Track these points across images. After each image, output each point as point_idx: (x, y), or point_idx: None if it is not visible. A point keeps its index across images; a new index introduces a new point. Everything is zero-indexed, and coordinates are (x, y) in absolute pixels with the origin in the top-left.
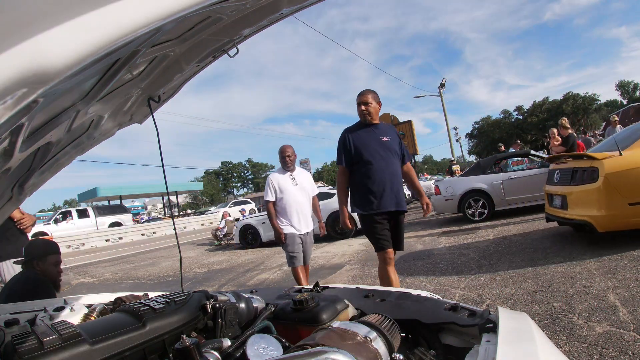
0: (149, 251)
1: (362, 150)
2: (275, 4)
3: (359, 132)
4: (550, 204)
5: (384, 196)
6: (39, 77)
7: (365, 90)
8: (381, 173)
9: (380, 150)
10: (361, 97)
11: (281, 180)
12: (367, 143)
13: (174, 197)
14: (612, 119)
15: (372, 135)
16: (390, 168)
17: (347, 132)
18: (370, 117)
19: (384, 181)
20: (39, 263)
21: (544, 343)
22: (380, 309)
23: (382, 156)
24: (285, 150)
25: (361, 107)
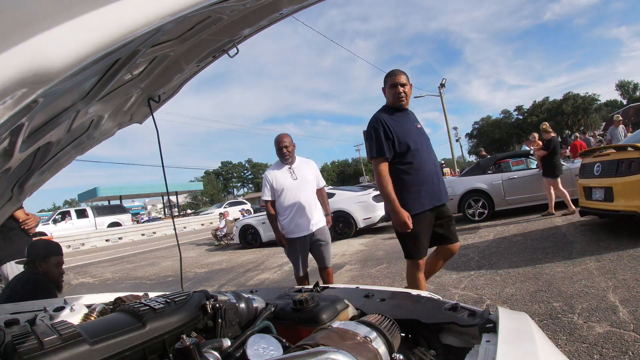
0: (149, 251)
1: (406, 138)
2: (275, 4)
3: (396, 118)
4: (588, 197)
5: (434, 189)
6: (39, 77)
7: (398, 70)
8: (428, 164)
9: (422, 138)
10: (396, 77)
11: (278, 175)
12: (409, 130)
13: (174, 197)
14: (615, 118)
15: (410, 121)
16: (433, 157)
17: (382, 118)
18: (406, 100)
19: (432, 172)
20: (42, 264)
21: (544, 343)
22: (380, 309)
23: (425, 145)
24: (281, 140)
25: (397, 89)
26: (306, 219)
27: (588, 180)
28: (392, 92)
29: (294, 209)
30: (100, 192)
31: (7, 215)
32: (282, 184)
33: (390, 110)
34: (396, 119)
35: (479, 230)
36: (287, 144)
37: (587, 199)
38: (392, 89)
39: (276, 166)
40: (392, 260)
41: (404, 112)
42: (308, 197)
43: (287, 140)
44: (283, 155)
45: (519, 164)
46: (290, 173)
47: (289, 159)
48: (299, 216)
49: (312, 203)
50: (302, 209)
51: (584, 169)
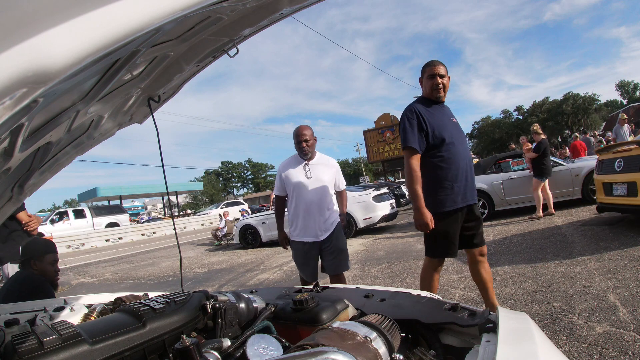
0: (148, 251)
1: (441, 131)
2: (275, 4)
3: (432, 110)
4: (608, 193)
5: (467, 187)
6: (39, 77)
7: (437, 60)
8: (462, 160)
9: (457, 133)
10: (435, 68)
11: (292, 170)
12: (444, 123)
13: (174, 197)
14: (621, 117)
15: (445, 114)
16: (468, 153)
17: (417, 108)
18: (444, 93)
19: (466, 169)
20: (37, 262)
21: (544, 343)
22: (380, 309)
23: (460, 140)
24: (301, 132)
25: (436, 80)
26: (315, 224)
27: (608, 176)
28: (429, 83)
29: (303, 210)
30: (100, 192)
31: (7, 215)
32: (294, 181)
33: (427, 102)
34: (432, 111)
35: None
36: (308, 137)
37: (606, 195)
38: (429, 79)
39: (292, 160)
40: (392, 260)
41: (440, 105)
42: (321, 199)
43: (307, 133)
44: (302, 150)
45: (519, 164)
46: (305, 170)
47: (308, 155)
48: (308, 219)
49: (325, 206)
50: (312, 211)
51: (602, 165)
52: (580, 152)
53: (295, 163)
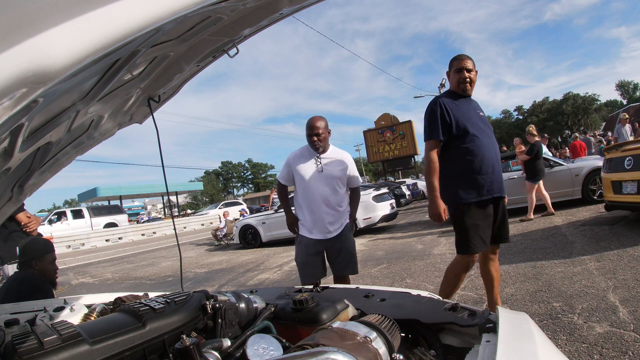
0: (148, 251)
1: (465, 122)
2: (275, 4)
3: (457, 103)
4: (617, 191)
5: (493, 179)
6: (39, 77)
7: (464, 54)
8: (488, 151)
9: (483, 126)
10: (462, 62)
11: (302, 163)
12: (469, 115)
13: (174, 197)
14: (622, 116)
15: (472, 108)
16: (494, 147)
17: (442, 101)
18: (471, 87)
19: (492, 161)
20: (38, 263)
21: (544, 343)
22: (380, 309)
23: (487, 133)
24: (313, 125)
25: (463, 75)
26: (324, 221)
27: (617, 174)
28: (456, 77)
29: (311, 205)
30: (100, 192)
31: (8, 215)
32: (304, 173)
33: (453, 95)
34: (457, 104)
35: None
36: (321, 131)
37: (615, 193)
38: (457, 73)
39: (303, 152)
40: (392, 260)
41: (467, 99)
42: (332, 195)
43: (320, 125)
44: (313, 143)
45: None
46: (316, 164)
47: (320, 149)
48: (316, 216)
49: (336, 203)
50: (320, 208)
51: (610, 163)
52: (580, 152)
53: (307, 155)
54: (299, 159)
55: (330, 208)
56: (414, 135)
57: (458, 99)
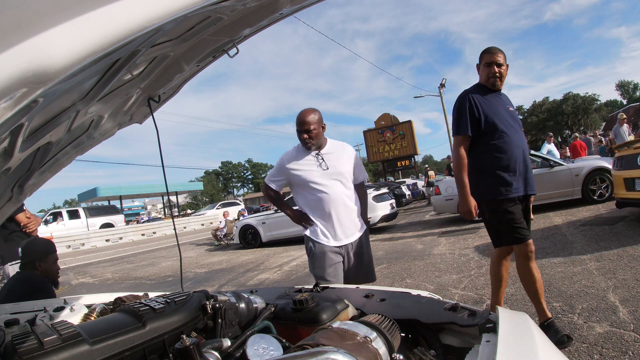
0: (148, 251)
1: (494, 118)
2: (275, 4)
3: (487, 98)
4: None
5: (522, 177)
6: (39, 77)
7: (495, 47)
8: (516, 148)
9: (512, 122)
10: (493, 56)
11: (300, 163)
12: (498, 110)
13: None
14: (620, 117)
15: (501, 102)
16: (523, 143)
17: (471, 95)
18: (501, 82)
19: (520, 157)
20: (41, 263)
21: (544, 343)
22: (380, 309)
23: (515, 128)
24: (302, 120)
25: (492, 69)
26: (339, 227)
27: (630, 172)
28: (486, 71)
29: (323, 212)
30: (100, 192)
31: (7, 215)
32: (306, 176)
33: (482, 90)
34: (487, 99)
35: (479, 230)
36: (312, 126)
37: (628, 190)
38: (487, 67)
39: (299, 150)
40: (392, 260)
41: (497, 92)
42: (342, 195)
43: (311, 120)
44: (304, 142)
45: None
46: (317, 161)
47: (312, 147)
48: (330, 223)
49: (349, 204)
50: (333, 213)
51: (622, 161)
52: (580, 152)
53: (304, 153)
54: (295, 160)
55: (345, 208)
56: (414, 135)
57: (487, 93)
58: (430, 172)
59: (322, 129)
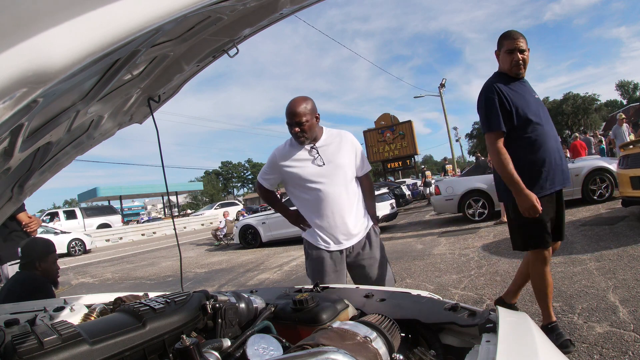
0: (148, 251)
1: (525, 109)
2: (275, 4)
3: (513, 87)
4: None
5: (556, 170)
6: (39, 77)
7: (516, 32)
8: (550, 139)
9: (542, 111)
10: (515, 42)
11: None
12: (528, 101)
13: (174, 197)
14: (619, 117)
15: (528, 91)
16: (555, 134)
17: (498, 86)
18: (525, 69)
19: (555, 150)
20: (41, 263)
21: (544, 343)
22: (380, 309)
23: (546, 118)
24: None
25: (515, 56)
26: (340, 229)
27: (635, 170)
28: (508, 58)
29: (320, 213)
30: (100, 192)
31: (8, 215)
32: (300, 173)
33: (506, 78)
34: (513, 88)
35: (479, 230)
36: (304, 118)
37: (634, 189)
38: (508, 54)
39: (291, 145)
40: (392, 260)
41: (520, 80)
42: (343, 193)
43: (302, 110)
44: (296, 136)
45: None
46: (312, 156)
47: (305, 142)
48: (329, 225)
49: (350, 201)
50: (332, 213)
51: (628, 159)
52: (580, 152)
53: (297, 147)
54: (290, 156)
55: (345, 206)
56: (414, 135)
57: (511, 81)
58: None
59: (316, 120)
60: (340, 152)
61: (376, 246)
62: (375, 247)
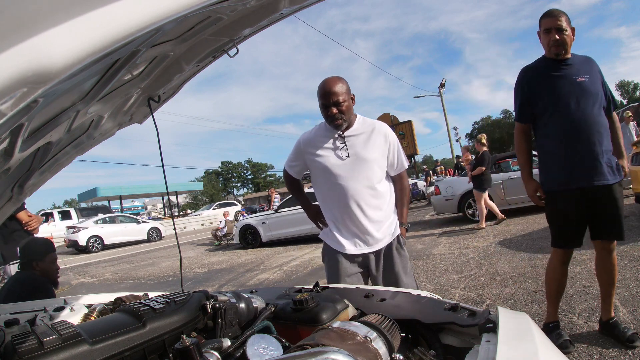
0: (148, 251)
1: (546, 96)
2: (275, 4)
3: (543, 72)
4: None
5: (576, 165)
6: (39, 77)
7: (556, 10)
8: (577, 131)
9: (575, 96)
10: (551, 20)
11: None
12: (555, 86)
13: (174, 197)
14: (625, 114)
15: (563, 74)
16: (589, 121)
17: (525, 73)
18: (564, 49)
19: (581, 143)
20: (39, 263)
21: (544, 343)
22: (380, 309)
23: (579, 104)
24: (328, 90)
25: (552, 36)
26: (358, 230)
27: None
28: (546, 39)
29: (338, 211)
30: (100, 192)
31: (8, 215)
32: (324, 163)
33: (544, 62)
34: (543, 74)
35: (479, 230)
36: (342, 97)
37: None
38: (546, 34)
39: (319, 131)
40: None
41: (564, 62)
42: (365, 190)
43: (340, 90)
44: (333, 118)
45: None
46: (338, 145)
47: (342, 125)
48: (346, 225)
49: (375, 202)
50: (351, 212)
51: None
52: None
53: (325, 135)
54: (314, 144)
55: (368, 207)
56: (414, 135)
57: (551, 65)
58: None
59: (352, 101)
60: (368, 144)
61: (397, 258)
62: (396, 259)
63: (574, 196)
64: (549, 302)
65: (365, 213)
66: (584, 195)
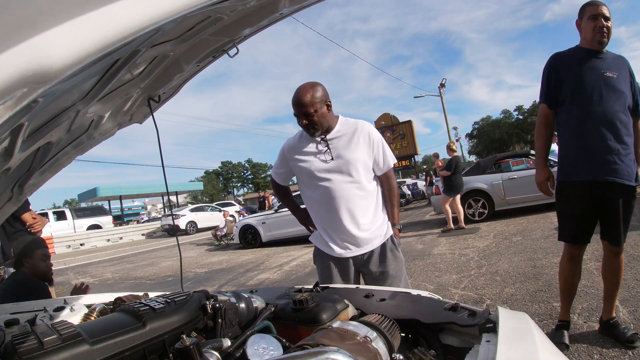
0: (148, 251)
1: (571, 84)
2: (275, 4)
3: (574, 60)
4: None
5: (589, 157)
6: (39, 77)
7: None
8: (594, 122)
9: (599, 89)
10: (598, 8)
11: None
12: (582, 75)
13: (174, 197)
14: None
15: (593, 66)
16: (608, 115)
17: (555, 59)
18: (608, 38)
19: (596, 135)
20: (28, 260)
21: (544, 343)
22: (380, 309)
23: (601, 98)
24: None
25: (599, 22)
26: (347, 232)
27: None
28: (591, 25)
29: (326, 214)
30: (100, 192)
31: (8, 215)
32: (305, 169)
33: (576, 52)
34: (575, 62)
35: (479, 230)
36: (311, 109)
37: None
38: (591, 21)
39: (300, 137)
40: None
41: (596, 55)
42: (353, 191)
43: (309, 99)
44: (304, 128)
45: (519, 164)
46: (319, 149)
47: (316, 133)
48: (334, 227)
49: (363, 203)
50: (338, 215)
51: None
52: None
53: (307, 140)
54: (298, 149)
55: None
56: (414, 135)
57: (583, 55)
58: None
59: (327, 108)
60: (351, 144)
61: (391, 259)
62: (391, 261)
63: (582, 188)
64: (560, 299)
65: (353, 215)
66: (594, 190)
